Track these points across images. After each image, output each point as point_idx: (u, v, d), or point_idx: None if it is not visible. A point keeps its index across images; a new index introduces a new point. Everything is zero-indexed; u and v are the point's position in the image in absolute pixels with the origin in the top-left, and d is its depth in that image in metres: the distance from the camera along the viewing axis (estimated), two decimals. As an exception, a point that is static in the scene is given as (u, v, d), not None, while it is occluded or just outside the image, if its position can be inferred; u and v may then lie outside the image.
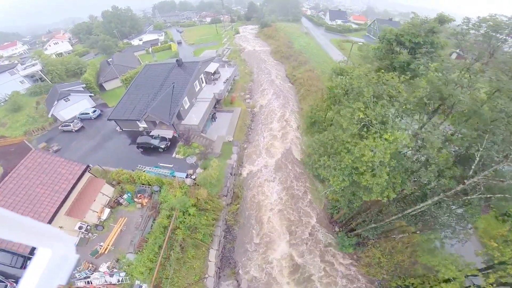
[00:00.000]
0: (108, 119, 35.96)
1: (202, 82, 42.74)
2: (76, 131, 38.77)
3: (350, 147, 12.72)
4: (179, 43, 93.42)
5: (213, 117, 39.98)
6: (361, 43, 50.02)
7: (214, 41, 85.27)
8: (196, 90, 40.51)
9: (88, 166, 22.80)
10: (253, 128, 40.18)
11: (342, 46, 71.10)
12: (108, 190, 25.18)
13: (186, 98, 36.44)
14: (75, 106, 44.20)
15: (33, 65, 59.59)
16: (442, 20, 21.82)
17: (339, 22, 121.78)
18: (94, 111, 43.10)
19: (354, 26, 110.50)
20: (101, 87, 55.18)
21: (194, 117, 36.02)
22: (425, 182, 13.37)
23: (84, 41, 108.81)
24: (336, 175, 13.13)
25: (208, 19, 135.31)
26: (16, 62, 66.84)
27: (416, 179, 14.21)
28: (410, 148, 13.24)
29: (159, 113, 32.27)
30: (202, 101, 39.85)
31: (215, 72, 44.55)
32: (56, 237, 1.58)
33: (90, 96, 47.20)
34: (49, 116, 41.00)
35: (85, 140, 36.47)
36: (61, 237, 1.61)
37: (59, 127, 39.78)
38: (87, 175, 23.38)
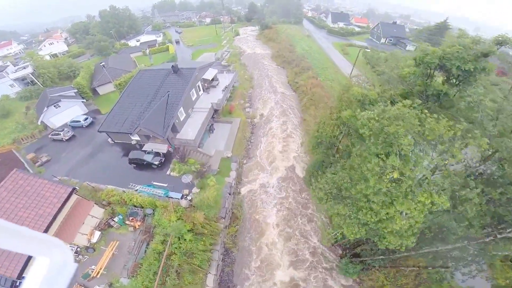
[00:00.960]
0: (98, 131, 33.92)
1: (199, 90, 40.95)
2: (67, 140, 36.96)
3: (375, 207, 10.93)
4: (177, 42, 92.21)
5: (210, 129, 38.14)
6: (368, 50, 48.29)
7: (213, 43, 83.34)
8: (193, 99, 38.73)
9: (74, 189, 21.19)
10: (253, 141, 38.23)
11: (346, 51, 69.43)
12: (97, 212, 23.68)
13: (181, 109, 34.70)
14: (66, 112, 42.25)
15: (24, 67, 57.39)
16: (500, 42, 17.04)
17: (341, 24, 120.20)
18: (86, 118, 41.23)
19: (356, 29, 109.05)
20: (94, 91, 53.17)
21: (190, 132, 33.99)
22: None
23: (80, 41, 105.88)
24: (351, 224, 11.50)
25: (208, 20, 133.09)
26: (7, 63, 64.40)
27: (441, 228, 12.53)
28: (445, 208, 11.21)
29: (152, 126, 30.45)
30: (199, 111, 38.05)
31: (213, 79, 42.82)
32: (54, 246, 1.57)
33: (82, 101, 45.22)
34: (39, 123, 39.09)
35: (76, 150, 34.84)
36: (59, 245, 1.59)
37: (49, 136, 37.97)
38: (74, 197, 21.85)
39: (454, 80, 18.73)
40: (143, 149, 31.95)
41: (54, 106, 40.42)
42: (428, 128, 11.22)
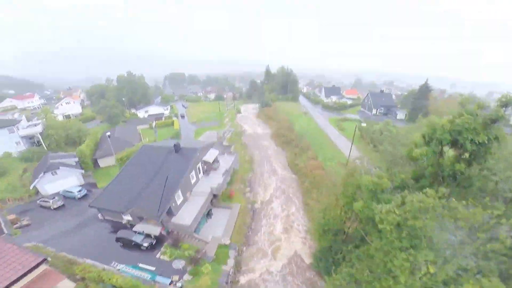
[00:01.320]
0: (89, 206, 33.22)
1: (199, 173, 40.37)
2: (55, 208, 36.24)
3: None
4: (182, 116, 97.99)
5: (208, 214, 36.05)
6: (364, 125, 50.25)
7: (216, 121, 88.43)
8: (192, 182, 37.78)
9: (45, 259, 19.02)
10: (253, 228, 35.81)
11: (341, 126, 72.84)
12: (66, 286, 20.58)
13: (179, 192, 33.54)
14: (62, 181, 41.88)
15: (36, 124, 57.92)
16: (505, 103, 15.30)
17: (334, 98, 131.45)
18: (80, 190, 40.45)
19: (348, 102, 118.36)
20: (95, 162, 52.89)
21: (186, 217, 32.17)
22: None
23: (96, 104, 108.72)
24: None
25: (212, 95, 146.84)
26: (21, 118, 65.75)
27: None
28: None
29: (147, 208, 29.65)
30: (198, 195, 36.58)
31: (214, 161, 42.83)
32: None
33: (81, 172, 44.78)
34: (31, 187, 38.77)
35: (62, 220, 33.95)
36: None
37: (38, 201, 37.13)
38: (42, 267, 19.34)
39: (467, 155, 16.83)
40: (134, 228, 30.49)
41: (51, 173, 40.36)
42: (462, 218, 10.43)
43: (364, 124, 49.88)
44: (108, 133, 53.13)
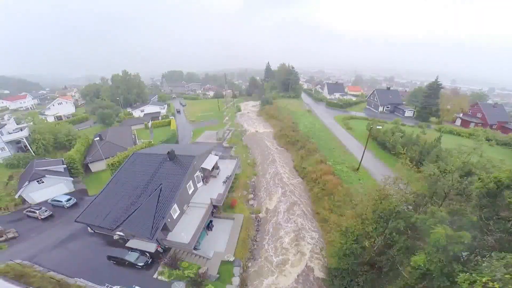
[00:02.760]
0: (75, 221, 30.01)
1: (198, 182, 36.27)
2: (43, 219, 33.88)
3: None
4: (178, 111, 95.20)
5: (209, 227, 32.17)
6: (380, 127, 46.21)
7: (215, 119, 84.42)
8: (190, 192, 33.76)
9: None
10: (258, 240, 32.17)
11: (348, 125, 68.68)
12: None
13: (175, 206, 29.67)
14: (50, 189, 39.22)
15: (22, 129, 54.18)
16: None
17: (337, 95, 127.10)
18: (69, 199, 37.70)
19: (353, 99, 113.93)
20: (86, 167, 49.16)
21: (184, 234, 28.49)
22: None
23: (90, 104, 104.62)
24: None
25: (211, 93, 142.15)
26: (4, 122, 61.70)
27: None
28: None
29: (138, 227, 26.29)
30: (196, 207, 32.78)
31: (214, 167, 38.73)
32: None
33: (69, 179, 41.50)
34: (16, 197, 36.11)
35: (50, 232, 31.69)
36: None
37: (24, 212, 34.90)
38: None
39: None
40: (127, 244, 27.96)
41: (37, 182, 37.73)
42: None
43: (380, 127, 45.84)
44: (97, 138, 49.04)
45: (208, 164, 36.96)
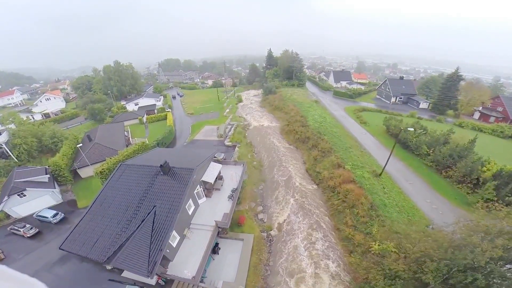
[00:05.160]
0: (60, 248, 25.11)
1: (199, 198, 30.84)
2: (29, 237, 30.75)
3: None
4: (174, 97, 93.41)
5: (214, 250, 27.36)
6: (411, 129, 40.82)
7: (215, 111, 78.00)
8: (190, 213, 28.35)
9: None
10: (272, 265, 27.31)
11: (362, 119, 62.69)
12: None
13: (174, 232, 24.42)
14: (34, 202, 35.04)
15: (0, 133, 48.56)
16: None
17: (343, 83, 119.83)
18: (55, 214, 33.57)
19: (362, 88, 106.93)
20: (75, 172, 43.91)
21: (187, 266, 23.83)
22: None
23: (81, 98, 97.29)
24: None
25: (210, 82, 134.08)
26: None
27: None
28: None
29: (133, 263, 21.58)
30: (199, 229, 27.65)
31: (217, 178, 33.18)
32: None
33: (54, 191, 37.02)
34: None
35: (37, 252, 28.75)
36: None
37: (8, 228, 31.58)
38: None
39: None
40: (122, 275, 24.83)
41: (18, 195, 33.56)
42: None
43: (411, 129, 40.32)
44: (80, 144, 43.36)
45: (210, 176, 31.32)
